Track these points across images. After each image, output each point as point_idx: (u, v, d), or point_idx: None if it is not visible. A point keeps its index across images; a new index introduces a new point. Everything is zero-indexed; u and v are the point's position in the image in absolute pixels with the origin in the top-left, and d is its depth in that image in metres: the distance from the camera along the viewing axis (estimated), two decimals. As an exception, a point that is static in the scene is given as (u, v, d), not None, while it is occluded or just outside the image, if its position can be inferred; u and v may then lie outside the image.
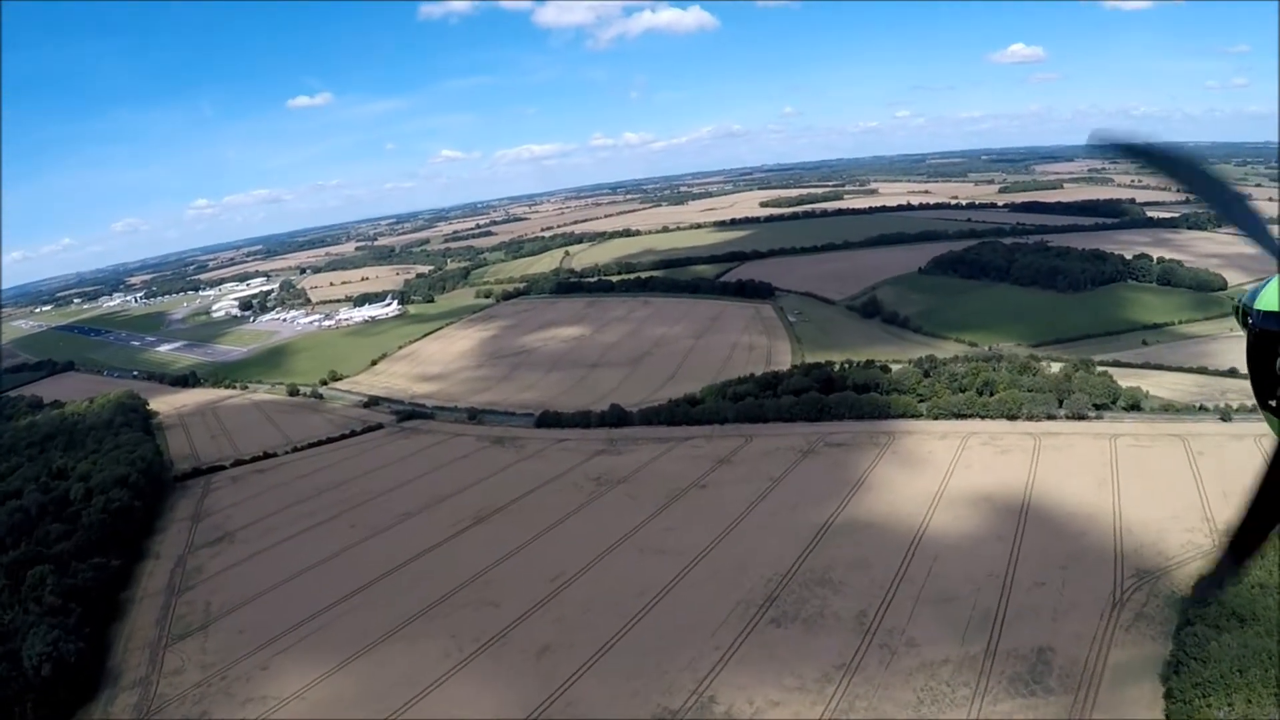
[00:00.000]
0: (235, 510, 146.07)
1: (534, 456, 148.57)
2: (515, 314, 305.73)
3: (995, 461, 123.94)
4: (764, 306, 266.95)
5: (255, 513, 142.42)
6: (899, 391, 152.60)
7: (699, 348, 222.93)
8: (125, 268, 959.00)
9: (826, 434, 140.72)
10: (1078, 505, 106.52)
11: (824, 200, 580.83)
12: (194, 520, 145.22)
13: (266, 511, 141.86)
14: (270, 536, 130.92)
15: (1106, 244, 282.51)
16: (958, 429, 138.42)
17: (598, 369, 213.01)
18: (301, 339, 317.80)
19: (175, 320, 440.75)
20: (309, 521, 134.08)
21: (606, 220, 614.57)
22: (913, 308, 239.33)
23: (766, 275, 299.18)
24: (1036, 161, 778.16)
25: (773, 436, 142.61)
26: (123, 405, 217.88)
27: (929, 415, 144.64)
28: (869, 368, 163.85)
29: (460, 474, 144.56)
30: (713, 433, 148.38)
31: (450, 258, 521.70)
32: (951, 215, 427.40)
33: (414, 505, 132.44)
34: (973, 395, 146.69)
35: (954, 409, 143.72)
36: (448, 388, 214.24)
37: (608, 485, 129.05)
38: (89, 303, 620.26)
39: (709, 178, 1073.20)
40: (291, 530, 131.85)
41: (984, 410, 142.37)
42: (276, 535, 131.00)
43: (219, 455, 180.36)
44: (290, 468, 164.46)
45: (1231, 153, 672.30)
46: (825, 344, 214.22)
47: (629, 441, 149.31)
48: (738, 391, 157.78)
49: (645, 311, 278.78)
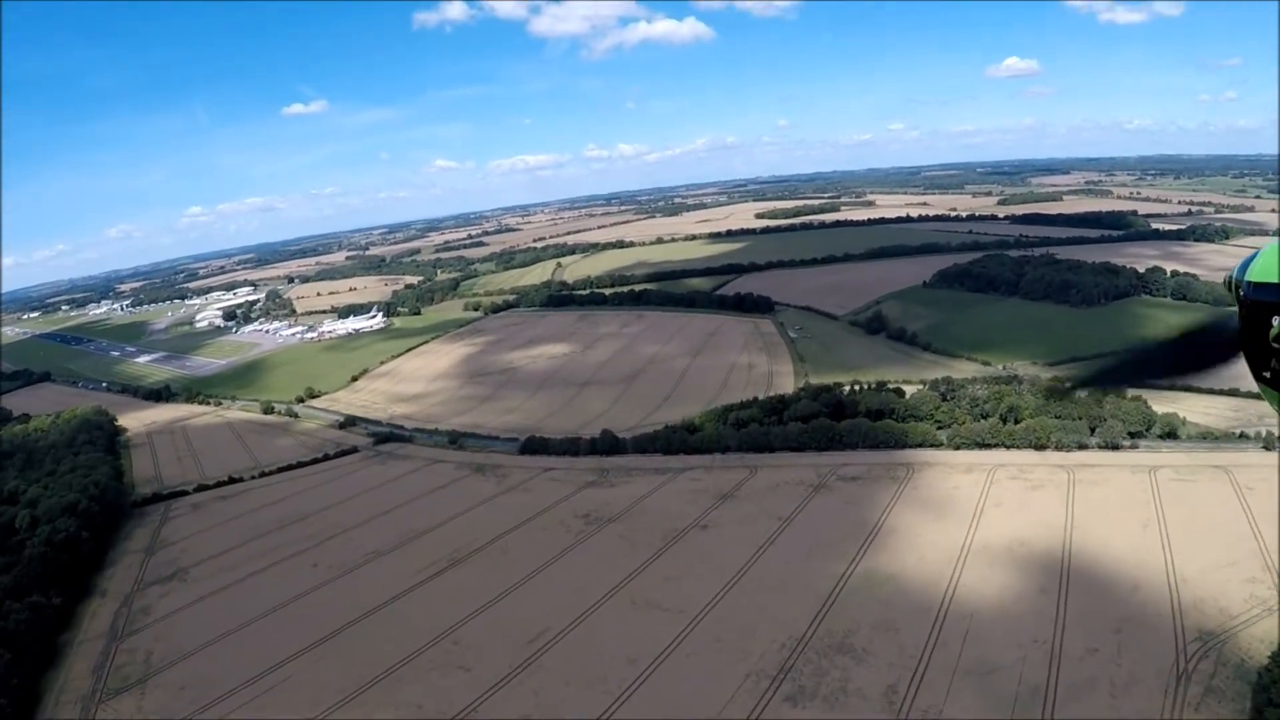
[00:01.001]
0: (192, 543, 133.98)
1: (518, 488, 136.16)
2: (503, 328, 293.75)
3: (1027, 499, 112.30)
4: (763, 321, 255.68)
5: (213, 546, 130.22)
6: (916, 418, 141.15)
7: (696, 366, 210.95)
8: (118, 274, 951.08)
9: (838, 465, 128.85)
10: (1125, 553, 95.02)
11: (821, 212, 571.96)
12: (147, 553, 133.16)
13: (225, 545, 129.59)
14: (225, 575, 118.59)
15: (1114, 256, 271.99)
16: (982, 460, 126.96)
17: (588, 389, 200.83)
18: (282, 352, 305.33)
19: (157, 330, 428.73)
20: (269, 559, 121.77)
21: (600, 231, 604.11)
22: (920, 323, 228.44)
23: (765, 289, 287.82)
24: (1032, 174, 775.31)
25: (780, 468, 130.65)
26: (87, 422, 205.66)
27: (950, 444, 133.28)
28: (882, 391, 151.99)
29: (436, 507, 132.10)
30: (713, 463, 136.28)
31: (440, 268, 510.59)
32: (952, 227, 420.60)
33: (384, 542, 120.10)
34: (996, 423, 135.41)
35: (977, 438, 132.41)
36: (428, 408, 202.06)
37: (598, 524, 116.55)
38: (76, 310, 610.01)
39: (703, 189, 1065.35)
40: (249, 568, 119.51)
41: (1010, 439, 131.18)
42: (232, 574, 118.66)
43: (183, 479, 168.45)
44: (255, 495, 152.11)
45: (1226, 165, 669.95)
46: (830, 363, 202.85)
47: (621, 472, 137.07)
48: (740, 417, 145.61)
49: (638, 326, 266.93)
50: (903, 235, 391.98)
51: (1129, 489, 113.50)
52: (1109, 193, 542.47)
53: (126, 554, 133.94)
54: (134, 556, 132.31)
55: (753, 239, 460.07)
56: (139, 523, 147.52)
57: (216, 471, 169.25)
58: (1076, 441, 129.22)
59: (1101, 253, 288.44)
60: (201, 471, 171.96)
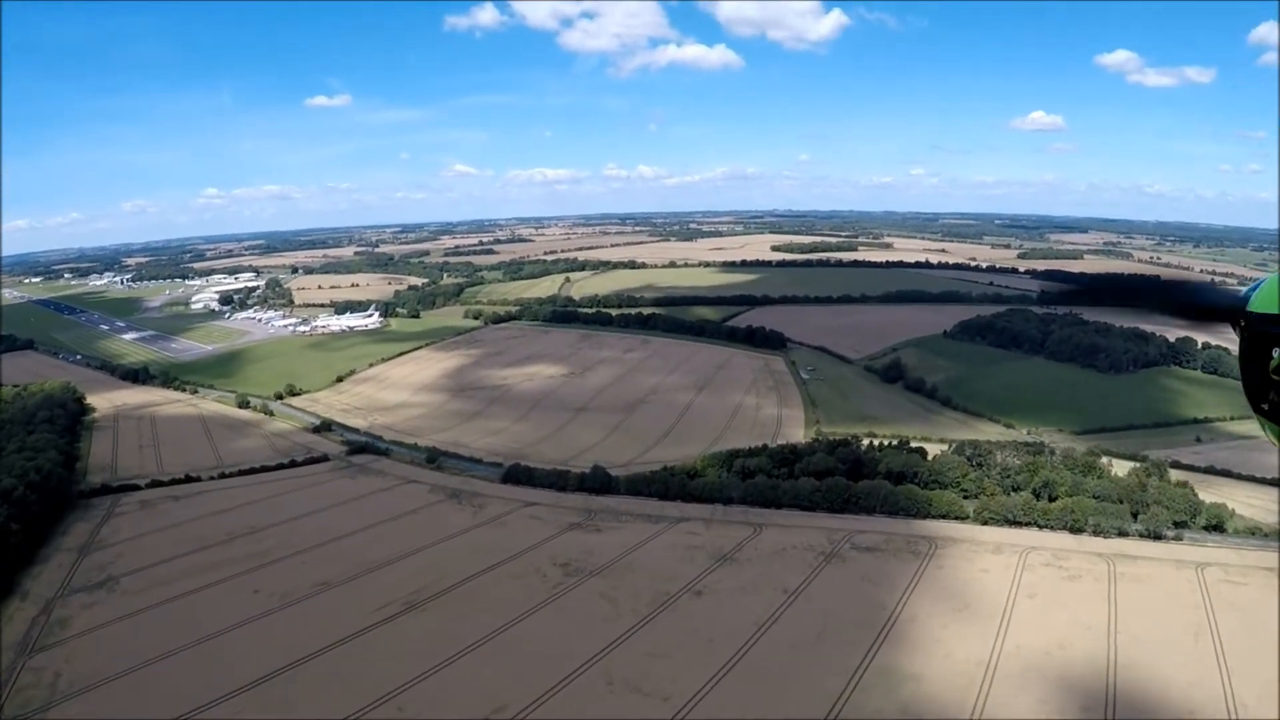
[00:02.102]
0: (131, 546, 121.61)
1: (494, 522, 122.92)
2: (501, 340, 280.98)
3: (1064, 592, 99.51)
4: (774, 359, 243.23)
5: (151, 554, 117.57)
6: (940, 484, 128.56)
7: (700, 401, 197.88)
8: (129, 248, 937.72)
9: (853, 531, 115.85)
10: (1176, 669, 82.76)
11: (838, 250, 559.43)
12: (81, 553, 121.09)
13: (165, 554, 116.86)
14: (158, 590, 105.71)
15: (1141, 323, 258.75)
16: (1013, 540, 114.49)
17: (583, 415, 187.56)
18: (270, 343, 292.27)
19: (151, 307, 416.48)
20: (208, 576, 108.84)
21: (612, 250, 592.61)
22: (939, 375, 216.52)
23: (777, 323, 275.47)
24: (1050, 230, 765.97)
25: (788, 528, 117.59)
26: (51, 399, 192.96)
27: (977, 518, 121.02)
28: (904, 450, 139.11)
29: (402, 535, 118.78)
30: (714, 514, 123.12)
31: (447, 272, 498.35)
32: (972, 277, 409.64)
33: (337, 572, 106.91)
34: (1029, 498, 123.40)
35: (1008, 514, 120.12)
36: (411, 419, 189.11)
37: (578, 576, 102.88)
38: (79, 279, 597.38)
39: (719, 217, 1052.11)
40: (185, 585, 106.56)
41: (1044, 519, 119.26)
42: (165, 589, 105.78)
43: (140, 470, 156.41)
44: (209, 498, 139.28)
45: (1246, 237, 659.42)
46: (844, 410, 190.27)
47: (611, 515, 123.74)
48: (747, 465, 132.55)
49: (643, 352, 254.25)
50: (921, 281, 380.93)
51: (1176, 589, 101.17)
52: (1129, 255, 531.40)
53: (60, 551, 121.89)
54: (66, 555, 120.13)
55: (767, 271, 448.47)
56: (82, 516, 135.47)
57: (176, 466, 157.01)
58: (1117, 527, 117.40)
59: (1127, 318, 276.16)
60: (160, 465, 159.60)
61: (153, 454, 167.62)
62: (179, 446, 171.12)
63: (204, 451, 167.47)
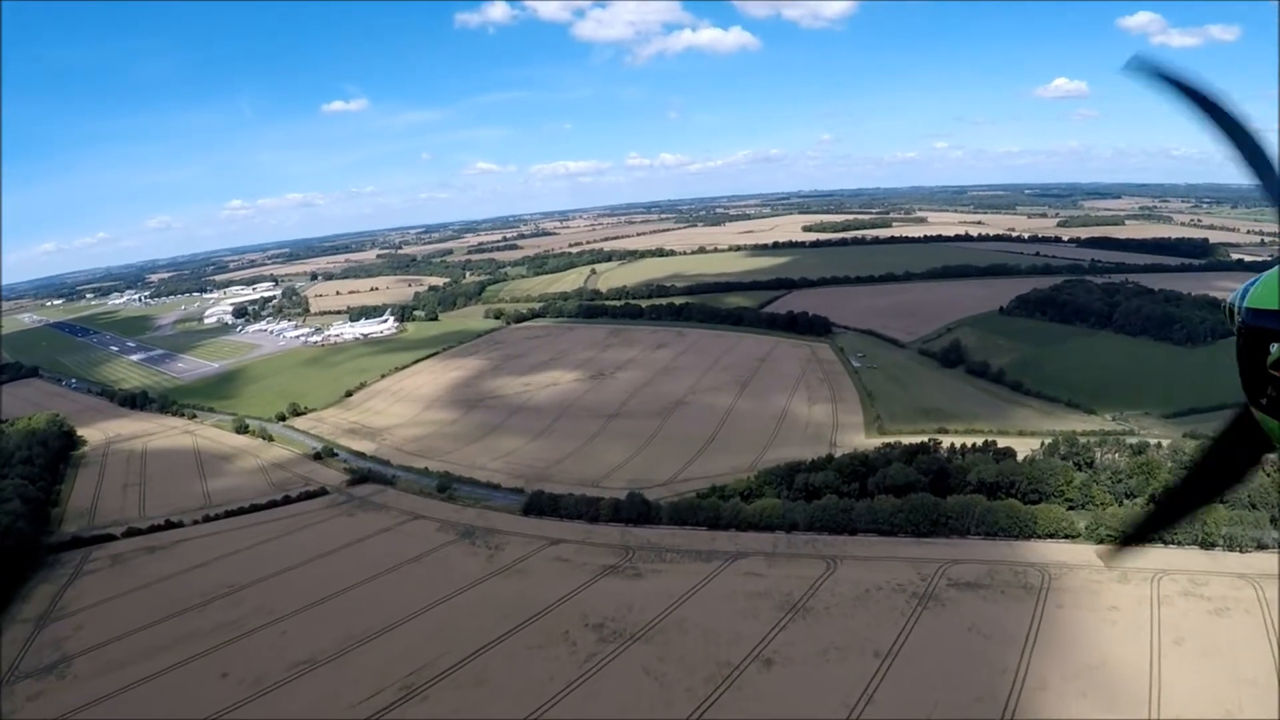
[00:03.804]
0: (92, 616, 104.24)
1: (512, 569, 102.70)
2: (523, 341, 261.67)
3: (1214, 632, 78.14)
4: (820, 346, 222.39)
5: (113, 625, 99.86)
6: (1040, 494, 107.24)
7: (745, 401, 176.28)
8: (155, 264, 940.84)
9: (947, 561, 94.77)
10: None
11: (872, 227, 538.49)
12: (38, 625, 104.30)
13: (127, 625, 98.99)
14: (111, 678, 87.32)
15: (1204, 288, 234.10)
16: (1138, 561, 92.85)
17: (614, 424, 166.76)
18: (277, 358, 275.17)
19: (163, 325, 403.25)
20: (172, 655, 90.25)
21: (639, 239, 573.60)
22: (1003, 357, 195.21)
23: (819, 307, 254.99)
24: (1082, 197, 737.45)
25: (868, 560, 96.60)
26: (33, 436, 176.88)
27: (1090, 536, 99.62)
28: (994, 455, 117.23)
29: (403, 590, 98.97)
30: (776, 546, 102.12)
31: (469, 270, 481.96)
32: (1016, 248, 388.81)
33: (323, 646, 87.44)
34: (1149, 506, 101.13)
35: (1125, 529, 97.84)
36: (422, 437, 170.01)
37: (616, 642, 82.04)
38: (99, 299, 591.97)
39: (745, 201, 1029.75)
40: (143, 669, 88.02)
41: (1171, 532, 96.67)
42: (119, 675, 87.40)
43: (120, 515, 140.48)
44: (188, 549, 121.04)
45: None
46: (905, 403, 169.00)
47: (652, 554, 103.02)
48: (811, 482, 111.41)
49: (677, 346, 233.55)
50: (964, 255, 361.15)
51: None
52: (1169, 219, 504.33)
53: (16, 622, 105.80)
54: (22, 628, 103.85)
55: (800, 253, 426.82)
56: (48, 575, 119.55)
57: (160, 508, 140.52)
58: (1255, 539, 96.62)
59: (1189, 283, 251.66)
60: (142, 508, 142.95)
61: (137, 495, 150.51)
62: (166, 484, 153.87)
63: (192, 488, 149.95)
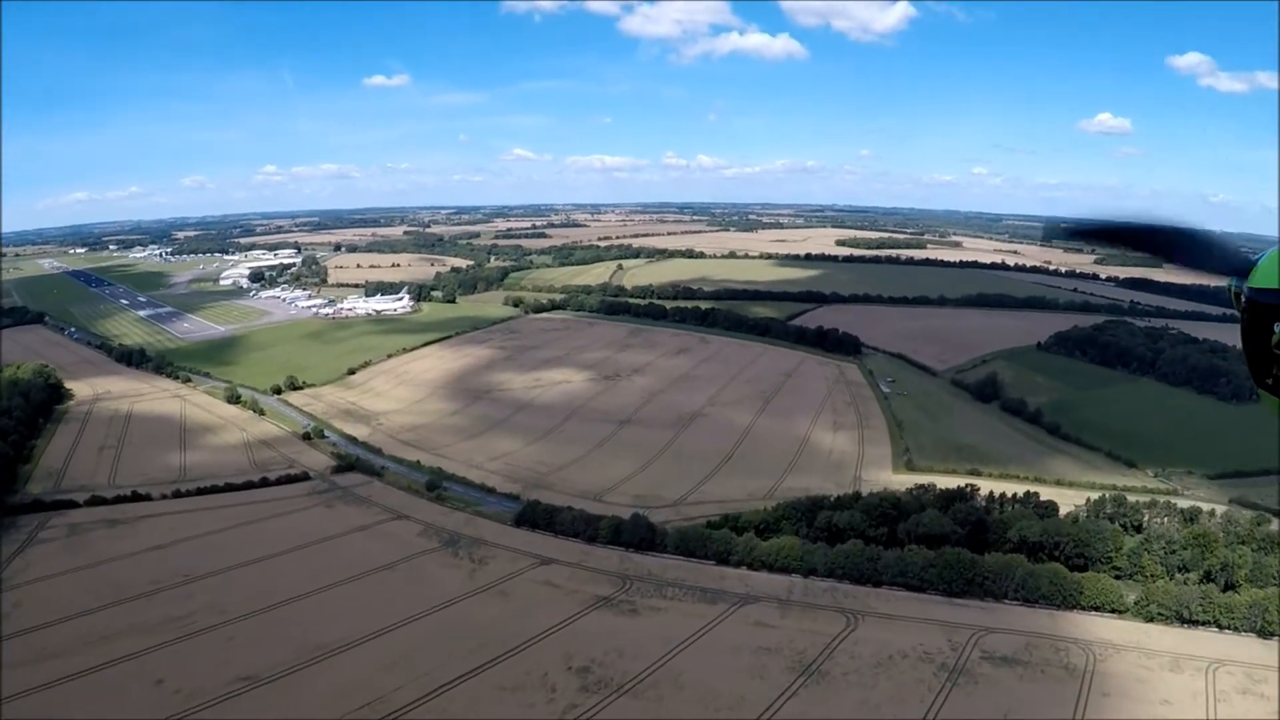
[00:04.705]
0: (35, 592, 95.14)
1: (494, 589, 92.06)
2: (539, 333, 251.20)
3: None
4: (849, 366, 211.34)
5: (54, 606, 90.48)
6: (1085, 558, 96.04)
7: (768, 419, 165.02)
8: (185, 222, 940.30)
9: (981, 629, 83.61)
10: None
11: (906, 246, 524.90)
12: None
13: (69, 608, 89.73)
14: (41, 668, 77.74)
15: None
16: (1190, 647, 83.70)
17: (625, 432, 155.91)
18: (284, 327, 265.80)
19: (178, 283, 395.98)
20: (110, 650, 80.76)
21: (669, 238, 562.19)
22: (1041, 396, 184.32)
23: (849, 324, 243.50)
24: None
25: (893, 620, 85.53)
26: (16, 386, 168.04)
27: (1138, 613, 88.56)
28: (1036, 510, 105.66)
29: (370, 602, 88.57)
30: (791, 592, 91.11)
31: (495, 254, 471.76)
32: (1053, 282, 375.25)
33: (272, 659, 77.15)
34: (1202, 584, 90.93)
35: (1178, 608, 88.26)
36: (420, 425, 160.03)
37: (600, 693, 70.83)
38: (122, 251, 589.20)
39: (779, 210, 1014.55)
40: (74, 663, 78.50)
41: (1227, 617, 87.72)
42: (50, 667, 77.97)
43: (89, 479, 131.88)
44: (149, 526, 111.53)
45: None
46: (936, 437, 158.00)
47: (652, 587, 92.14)
48: (835, 522, 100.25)
49: (700, 352, 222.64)
50: (999, 284, 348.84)
51: None
52: None
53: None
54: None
55: (832, 266, 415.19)
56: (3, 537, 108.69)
57: (131, 476, 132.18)
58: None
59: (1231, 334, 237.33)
60: (113, 475, 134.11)
61: (111, 458, 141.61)
62: (143, 451, 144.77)
63: (169, 458, 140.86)
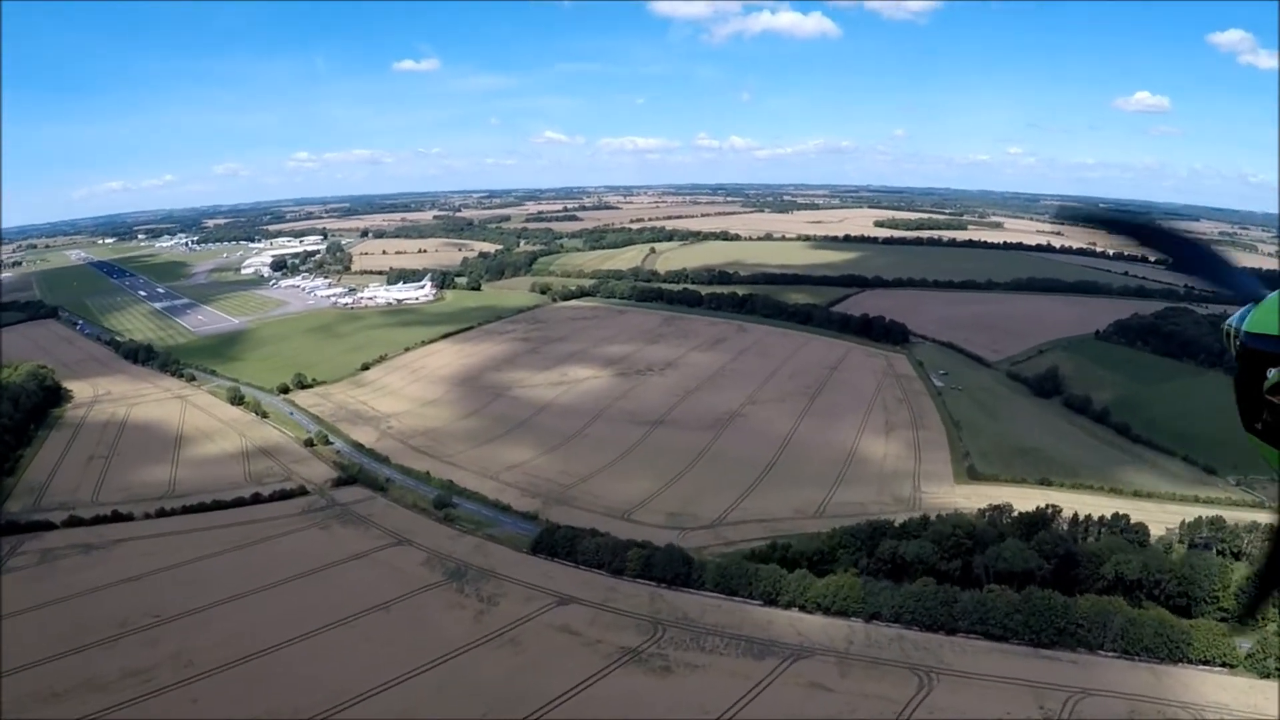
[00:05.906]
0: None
1: (504, 636, 78.57)
2: (566, 322, 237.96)
3: None
4: (897, 357, 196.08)
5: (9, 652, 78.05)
6: (1189, 597, 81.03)
7: (813, 419, 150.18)
8: (217, 210, 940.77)
9: (1077, 691, 69.25)
10: None
11: (946, 228, 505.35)
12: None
13: (20, 657, 78.24)
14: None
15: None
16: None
17: (656, 435, 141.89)
18: (301, 318, 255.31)
19: (198, 273, 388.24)
20: (57, 710, 68.58)
21: (703, 220, 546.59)
22: (1105, 391, 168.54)
23: (894, 311, 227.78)
24: (1159, 216, 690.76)
25: (970, 680, 71.21)
26: (6, 391, 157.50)
27: (1252, 668, 73.84)
28: (1134, 540, 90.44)
29: (356, 658, 75.18)
30: (851, 643, 76.79)
31: (525, 238, 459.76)
32: (1103, 265, 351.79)
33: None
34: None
35: (1300, 667, 73.10)
36: (432, 430, 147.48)
37: None
38: (149, 240, 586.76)
39: (813, 191, 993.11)
40: None
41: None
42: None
43: (70, 496, 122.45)
44: (126, 552, 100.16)
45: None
46: (997, 438, 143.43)
47: (688, 637, 78.30)
48: (901, 554, 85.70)
49: (738, 343, 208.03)
50: (1048, 267, 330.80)
51: None
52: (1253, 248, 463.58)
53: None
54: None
55: (872, 249, 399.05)
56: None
57: (116, 491, 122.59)
58: None
59: None
60: (98, 489, 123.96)
61: (99, 470, 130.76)
62: (133, 462, 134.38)
63: (159, 469, 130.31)
